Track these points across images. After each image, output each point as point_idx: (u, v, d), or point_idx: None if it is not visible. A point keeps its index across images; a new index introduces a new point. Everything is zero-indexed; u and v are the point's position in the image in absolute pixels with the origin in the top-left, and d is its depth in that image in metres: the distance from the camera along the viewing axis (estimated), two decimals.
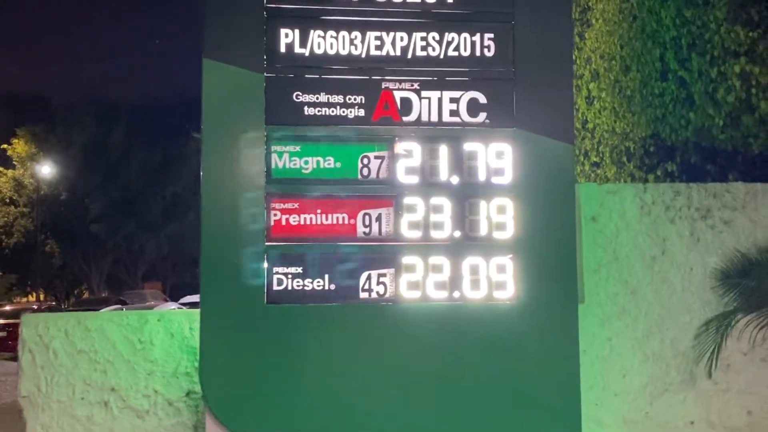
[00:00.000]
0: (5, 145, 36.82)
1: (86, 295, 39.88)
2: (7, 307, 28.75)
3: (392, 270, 4.92)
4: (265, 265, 4.84)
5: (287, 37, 4.96)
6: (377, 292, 4.92)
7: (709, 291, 6.00)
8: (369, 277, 4.91)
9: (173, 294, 37.62)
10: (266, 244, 4.85)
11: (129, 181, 36.78)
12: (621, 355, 5.91)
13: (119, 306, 24.20)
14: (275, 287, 4.85)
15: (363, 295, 4.91)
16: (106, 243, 37.70)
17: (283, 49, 4.95)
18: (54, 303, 39.76)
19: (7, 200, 37.42)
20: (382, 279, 4.92)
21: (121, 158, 37.33)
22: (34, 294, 41.25)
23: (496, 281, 4.98)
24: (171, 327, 5.70)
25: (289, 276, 4.86)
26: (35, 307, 28.90)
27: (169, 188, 37.81)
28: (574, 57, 8.63)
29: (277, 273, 4.85)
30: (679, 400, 5.97)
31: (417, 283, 4.93)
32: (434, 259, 4.94)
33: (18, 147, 37.11)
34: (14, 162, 37.66)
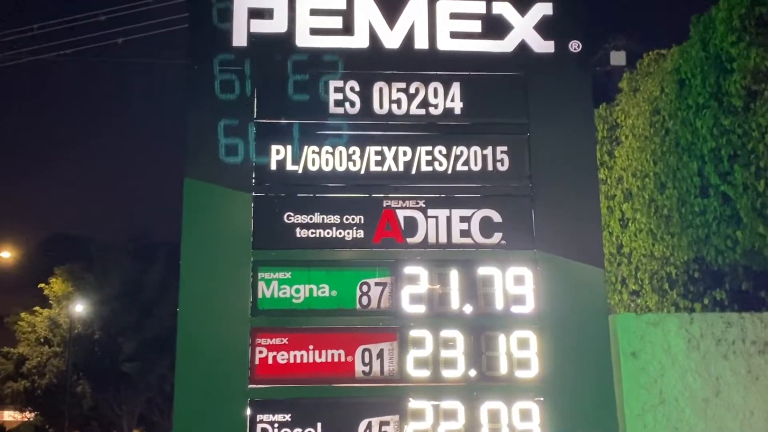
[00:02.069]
0: (42, 285, 37.69)
1: None
2: None
3: (396, 417, 4.48)
4: (248, 412, 4.43)
5: (278, 153, 4.78)
6: None
7: None
8: (369, 426, 4.47)
9: None
10: (249, 386, 4.46)
11: (163, 319, 37.15)
12: None
13: None
14: None
15: None
16: (138, 383, 37.69)
17: (273, 167, 4.75)
18: None
19: (42, 340, 37.95)
20: (384, 428, 4.47)
21: (156, 297, 37.97)
22: None
23: (521, 431, 4.50)
24: None
25: (276, 425, 4.42)
26: None
27: None
28: (604, 176, 8.42)
29: (261, 422, 4.42)
30: None
31: None
32: (446, 404, 4.51)
33: (55, 286, 38.09)
34: (50, 301, 38.44)
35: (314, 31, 4.91)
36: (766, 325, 5.71)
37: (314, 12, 4.93)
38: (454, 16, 4.98)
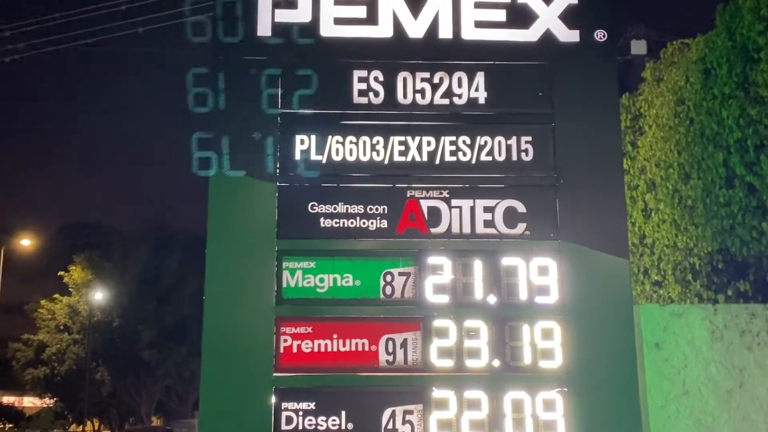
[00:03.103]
0: (62, 272, 38.02)
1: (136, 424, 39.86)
2: None
3: (420, 406, 4.47)
4: (273, 400, 4.44)
5: (302, 143, 4.75)
6: None
7: None
8: (393, 415, 4.46)
9: None
10: (274, 375, 4.47)
11: (181, 307, 37.39)
12: None
13: None
14: (284, 426, 4.42)
15: None
16: (156, 370, 38.01)
17: (297, 157, 4.73)
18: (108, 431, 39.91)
19: (62, 327, 38.31)
20: (408, 417, 4.46)
21: (174, 285, 38.20)
22: (90, 423, 41.41)
23: (544, 421, 4.50)
24: None
25: (300, 413, 4.43)
26: None
27: None
28: (627, 167, 8.38)
29: (286, 410, 4.44)
30: None
31: (450, 422, 4.45)
32: (470, 394, 4.49)
33: (74, 274, 38.45)
34: (70, 289, 38.77)
35: (338, 21, 4.90)
36: None
37: (338, 1, 4.92)
38: (479, 5, 4.95)
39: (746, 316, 5.68)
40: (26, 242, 35.31)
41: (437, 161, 4.75)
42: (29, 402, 47.10)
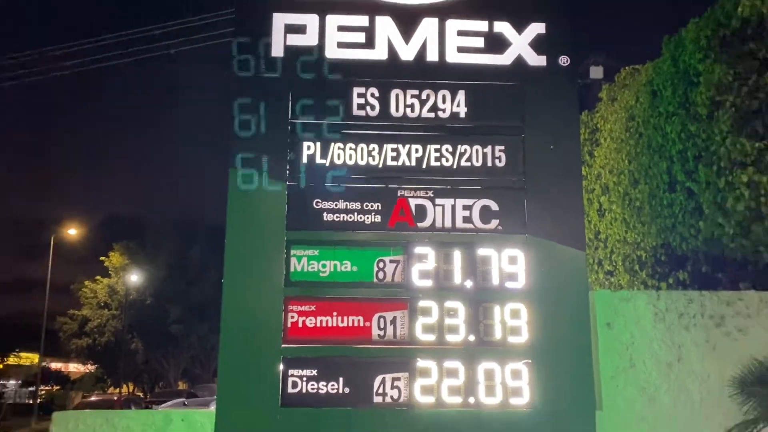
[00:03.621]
0: (103, 258, 38.07)
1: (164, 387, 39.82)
2: (93, 398, 28.51)
3: (406, 374, 4.44)
4: (281, 367, 4.41)
5: (309, 149, 4.71)
6: (391, 397, 4.42)
7: (727, 399, 5.31)
8: (383, 381, 4.43)
9: None
10: (282, 346, 4.43)
11: (205, 289, 37.35)
12: None
13: (183, 400, 23.69)
14: (290, 390, 4.39)
15: (377, 399, 4.41)
16: (182, 342, 38.04)
17: (305, 160, 4.68)
18: (140, 394, 39.75)
19: (102, 304, 38.33)
20: (396, 383, 4.43)
21: (199, 270, 38.25)
22: (125, 386, 41.36)
23: (511, 387, 4.46)
24: (194, 425, 5.15)
25: (304, 378, 4.41)
26: (115, 398, 28.69)
27: None
28: (585, 173, 8.35)
29: (292, 375, 4.41)
30: None
31: (431, 387, 4.42)
32: (449, 364, 4.46)
33: (113, 259, 38.53)
34: (109, 272, 38.78)
35: (340, 45, 4.85)
36: (722, 301, 5.69)
37: (341, 28, 4.88)
38: (461, 33, 4.91)
39: (684, 301, 5.68)
40: (73, 231, 35.14)
41: (424, 166, 4.71)
42: (74, 368, 46.96)
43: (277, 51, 4.80)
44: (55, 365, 47.69)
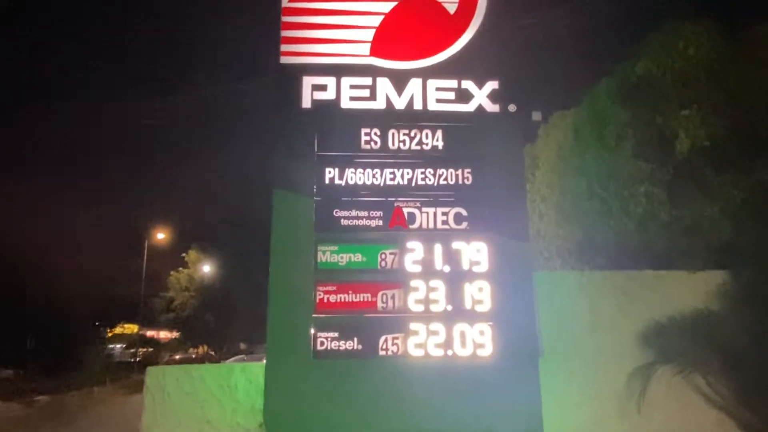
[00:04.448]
0: (184, 254, 38.12)
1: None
2: (177, 356, 28.63)
3: (403, 334, 4.41)
4: (312, 330, 4.37)
5: (330, 173, 4.67)
6: (392, 351, 4.38)
7: (634, 348, 5.28)
8: (386, 340, 4.39)
9: None
10: (313, 315, 4.40)
11: (258, 276, 37.22)
12: (571, 396, 5.14)
13: (243, 356, 23.44)
14: (319, 347, 4.36)
15: (381, 352, 4.38)
16: (242, 315, 37.95)
17: (327, 181, 4.65)
18: (213, 353, 39.53)
19: (184, 288, 38.30)
20: (395, 341, 4.40)
21: (253, 262, 38.22)
22: (201, 347, 41.15)
23: (478, 342, 4.44)
24: (250, 375, 5.14)
25: (329, 339, 4.37)
26: (193, 356, 28.61)
27: None
28: (529, 187, 8.31)
29: (320, 337, 4.37)
30: (618, 430, 5.11)
31: (421, 343, 4.40)
32: (433, 326, 4.43)
33: (191, 255, 38.52)
34: (188, 264, 38.80)
35: (352, 98, 4.84)
36: (629, 279, 5.68)
37: (352, 86, 4.87)
38: (439, 89, 4.89)
39: (601, 278, 5.68)
40: (161, 236, 35.16)
41: (413, 184, 4.68)
42: (163, 335, 46.70)
43: (306, 103, 4.80)
44: (149, 333, 47.48)
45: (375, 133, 4.76)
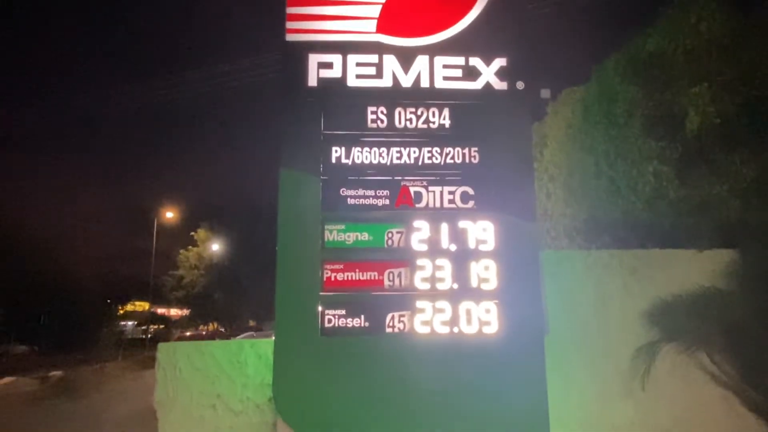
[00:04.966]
0: (193, 233, 38.39)
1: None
2: (187, 333, 29.23)
3: (409, 312, 4.42)
4: (320, 308, 4.39)
5: (336, 152, 4.64)
6: (398, 328, 4.40)
7: (639, 327, 5.29)
8: (393, 317, 4.40)
9: None
10: (321, 293, 4.41)
11: (266, 255, 37.47)
12: (576, 373, 5.18)
13: (252, 333, 23.80)
14: (326, 324, 4.38)
15: (388, 330, 4.40)
16: (251, 293, 38.39)
17: (333, 160, 4.62)
18: (223, 330, 40.11)
19: (193, 266, 38.68)
20: (402, 319, 4.41)
21: (261, 241, 38.51)
22: (211, 324, 41.74)
23: (484, 320, 4.44)
24: (259, 351, 5.21)
25: (336, 316, 4.39)
26: (204, 333, 29.16)
27: None
28: (536, 167, 8.26)
29: (328, 314, 4.39)
30: (622, 407, 5.15)
31: (427, 321, 4.41)
32: (439, 304, 4.43)
33: (200, 234, 38.85)
34: (198, 243, 39.08)
35: (358, 76, 4.78)
36: (636, 257, 5.66)
37: (358, 64, 4.80)
38: (445, 66, 4.82)
39: (608, 258, 5.66)
40: (170, 215, 35.37)
41: (420, 163, 4.64)
42: (174, 312, 47.41)
43: (312, 82, 4.74)
44: (160, 310, 48.23)
45: (381, 112, 4.71)
